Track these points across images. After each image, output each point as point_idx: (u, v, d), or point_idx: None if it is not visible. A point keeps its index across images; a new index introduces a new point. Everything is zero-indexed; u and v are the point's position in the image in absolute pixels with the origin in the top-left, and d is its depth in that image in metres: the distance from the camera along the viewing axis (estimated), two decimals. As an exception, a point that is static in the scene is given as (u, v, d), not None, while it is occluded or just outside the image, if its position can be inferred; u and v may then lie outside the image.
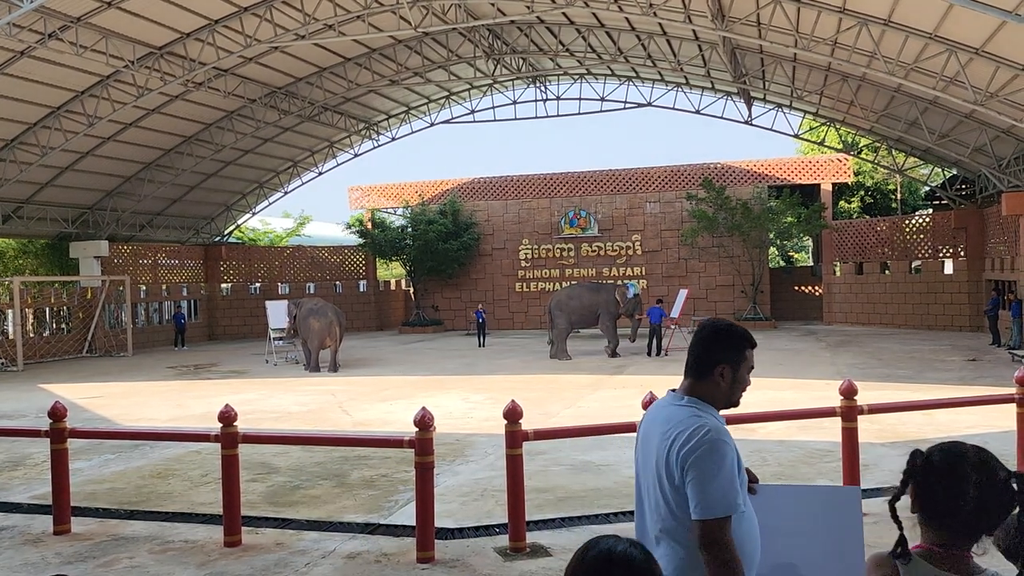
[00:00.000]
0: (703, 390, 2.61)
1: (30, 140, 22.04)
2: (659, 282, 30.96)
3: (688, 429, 2.46)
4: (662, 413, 2.62)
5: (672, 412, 2.58)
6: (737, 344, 2.65)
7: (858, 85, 21.14)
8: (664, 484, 2.49)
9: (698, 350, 2.65)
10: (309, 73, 24.99)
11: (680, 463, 2.44)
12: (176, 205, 30.71)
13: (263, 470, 9.13)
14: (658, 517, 2.53)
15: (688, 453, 2.42)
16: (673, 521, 2.48)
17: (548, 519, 6.90)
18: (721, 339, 2.64)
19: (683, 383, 2.67)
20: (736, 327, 2.70)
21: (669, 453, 2.47)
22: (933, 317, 26.44)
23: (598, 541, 1.81)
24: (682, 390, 2.65)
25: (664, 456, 2.49)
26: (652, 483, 2.56)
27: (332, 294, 33.69)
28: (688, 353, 2.69)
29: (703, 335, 2.67)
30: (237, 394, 15.54)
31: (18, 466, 9.89)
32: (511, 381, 16.82)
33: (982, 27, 14.15)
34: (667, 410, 2.61)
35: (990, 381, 14.46)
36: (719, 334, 2.65)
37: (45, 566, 6.07)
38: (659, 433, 2.55)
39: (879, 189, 36.11)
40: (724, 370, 2.61)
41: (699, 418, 2.51)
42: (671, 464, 2.46)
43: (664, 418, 2.58)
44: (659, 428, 2.57)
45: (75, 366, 23.59)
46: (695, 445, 2.43)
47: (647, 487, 2.61)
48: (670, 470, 2.46)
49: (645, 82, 28.69)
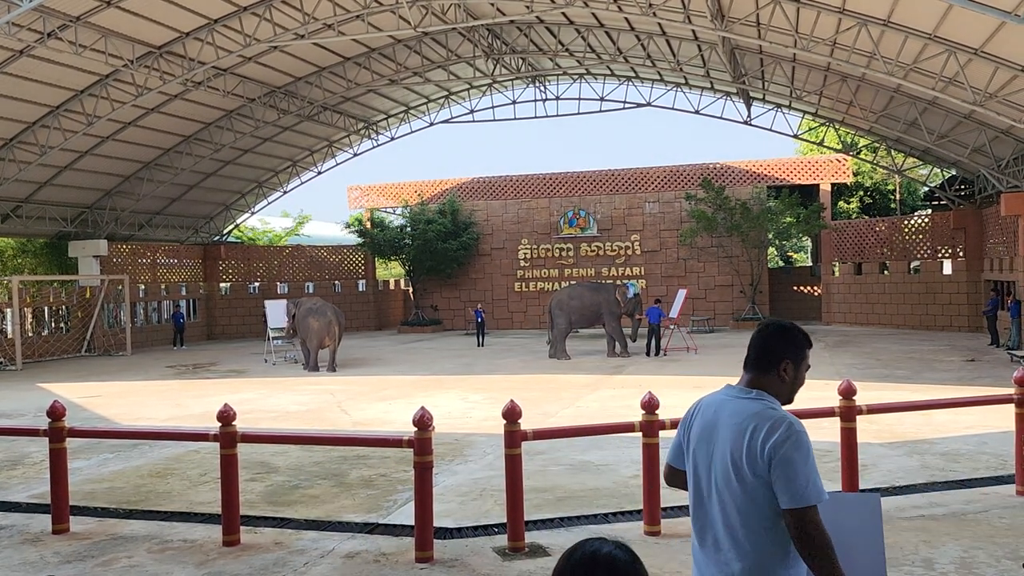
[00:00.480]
0: (767, 385, 2.70)
1: (29, 139, 22.03)
2: (658, 282, 30.97)
3: (770, 421, 2.55)
4: (729, 406, 2.67)
5: (743, 405, 2.64)
6: (800, 342, 2.75)
7: (857, 85, 21.15)
8: (743, 476, 2.55)
9: (762, 346, 2.74)
10: (308, 72, 24.98)
11: (767, 454, 2.51)
12: (175, 204, 30.70)
13: (262, 469, 9.13)
14: (733, 509, 2.58)
15: (777, 444, 2.50)
16: (751, 512, 2.55)
17: (547, 519, 6.91)
18: (786, 337, 2.74)
19: (744, 378, 2.75)
20: (798, 327, 2.80)
21: (750, 445, 2.53)
22: (932, 317, 26.45)
23: (584, 543, 1.83)
24: (745, 384, 2.73)
25: (743, 448, 2.55)
26: (722, 476, 2.60)
27: (331, 294, 33.67)
28: (749, 349, 2.77)
29: (768, 332, 2.76)
30: (236, 393, 15.53)
31: (17, 465, 9.89)
32: (510, 381, 16.82)
33: (981, 28, 14.15)
34: (735, 403, 2.67)
35: (989, 381, 14.47)
36: (784, 332, 2.75)
37: (44, 565, 6.07)
38: (731, 426, 2.61)
39: (878, 189, 36.13)
40: (787, 366, 2.70)
41: (776, 410, 2.61)
42: (754, 456, 2.52)
43: (734, 411, 2.64)
44: (730, 421, 2.62)
45: (74, 365, 23.57)
46: (782, 436, 2.51)
47: (713, 481, 2.65)
48: (753, 462, 2.53)
49: (644, 82, 28.69)
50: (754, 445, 2.53)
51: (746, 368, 2.76)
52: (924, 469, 8.34)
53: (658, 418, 6.46)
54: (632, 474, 8.15)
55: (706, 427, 2.70)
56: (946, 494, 7.31)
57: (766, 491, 2.52)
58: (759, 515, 2.54)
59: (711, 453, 2.66)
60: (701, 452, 2.70)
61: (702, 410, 2.76)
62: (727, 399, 2.71)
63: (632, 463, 8.38)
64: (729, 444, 2.59)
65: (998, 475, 7.91)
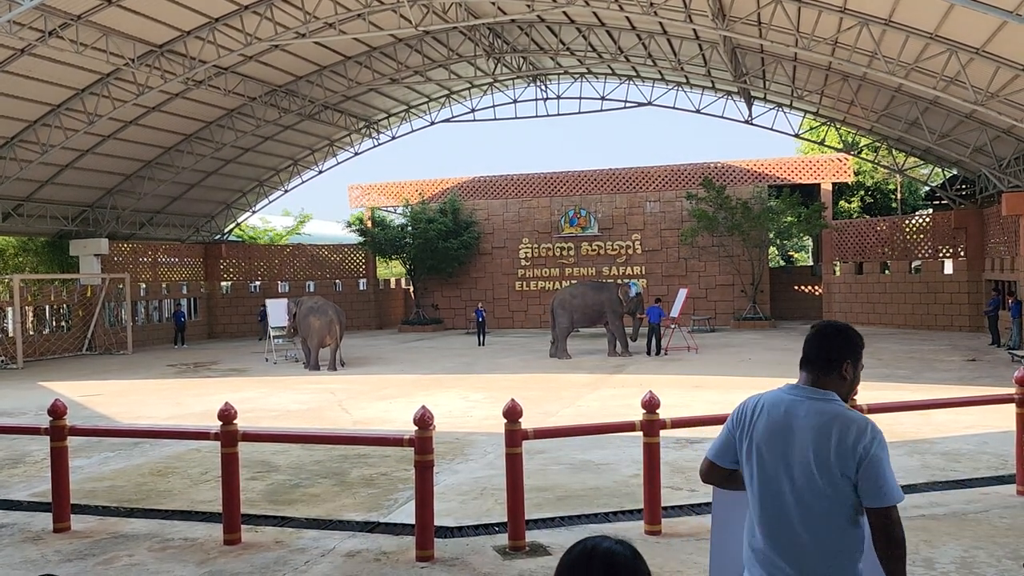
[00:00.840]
0: (831, 384, 2.74)
1: (30, 138, 22.04)
2: (659, 281, 30.96)
3: (856, 422, 2.62)
4: (802, 407, 2.70)
5: (818, 406, 2.68)
6: (858, 343, 2.81)
7: (858, 85, 21.14)
8: (831, 475, 2.59)
9: (823, 347, 2.79)
10: (309, 71, 24.98)
11: (858, 455, 2.57)
12: (176, 203, 30.71)
13: (263, 468, 9.14)
14: (817, 508, 2.61)
15: (867, 445, 2.57)
16: (834, 511, 2.60)
17: (547, 518, 6.91)
18: (846, 337, 2.80)
19: (806, 378, 2.79)
20: (853, 328, 2.87)
21: (840, 445, 2.58)
22: (933, 317, 26.44)
23: (584, 539, 1.83)
24: (808, 384, 2.77)
25: (831, 449, 2.59)
26: (803, 475, 2.63)
27: (332, 292, 33.68)
28: (809, 350, 2.81)
29: (828, 333, 2.81)
30: (237, 392, 15.54)
31: (18, 464, 9.90)
32: (510, 380, 16.82)
33: (983, 27, 14.15)
34: (808, 404, 2.70)
35: (989, 381, 14.46)
36: (843, 332, 2.81)
37: (45, 564, 6.07)
38: (812, 427, 2.64)
39: (879, 189, 36.11)
40: (848, 366, 2.76)
41: (852, 411, 2.68)
42: (844, 456, 2.58)
43: (811, 411, 2.67)
44: (810, 421, 2.65)
45: (75, 364, 23.59)
46: (870, 437, 2.59)
47: (791, 479, 2.66)
48: (843, 462, 2.58)
49: (645, 81, 28.68)
50: (844, 446, 2.58)
51: (805, 368, 2.80)
52: (925, 469, 8.34)
53: (659, 417, 6.46)
54: (633, 473, 8.16)
55: (777, 426, 2.72)
56: (947, 494, 7.32)
57: (850, 491, 2.59)
58: (843, 514, 2.60)
59: (787, 452, 2.67)
60: (773, 450, 2.71)
61: (766, 409, 2.77)
62: (797, 399, 2.73)
63: (633, 462, 8.39)
64: (813, 444, 2.63)
65: (999, 475, 7.91)
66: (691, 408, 11.90)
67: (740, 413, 2.86)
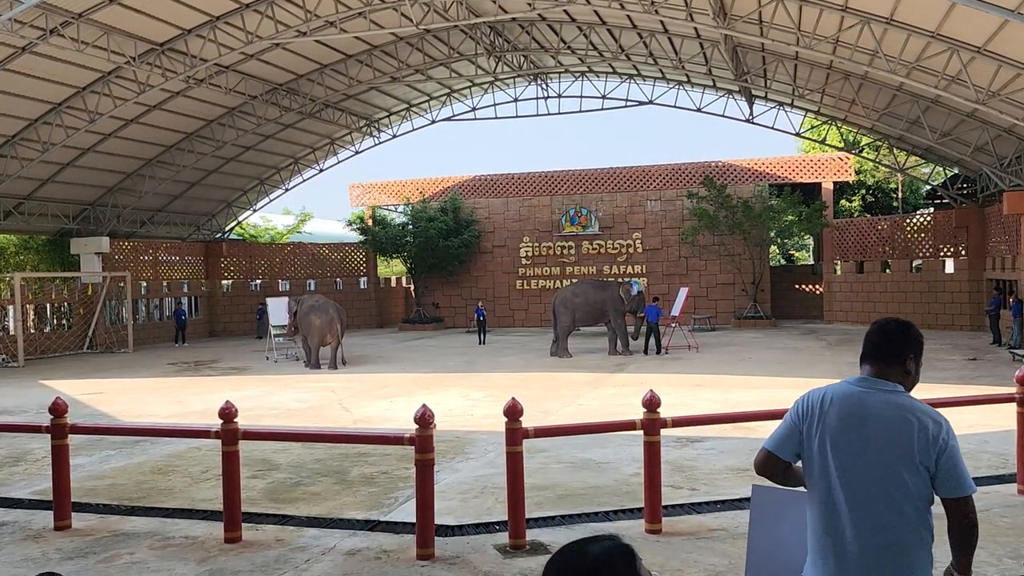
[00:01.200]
0: (894, 378, 2.81)
1: (31, 136, 22.05)
2: (660, 280, 30.95)
3: (931, 413, 2.70)
4: (874, 398, 2.75)
5: (892, 398, 2.75)
6: (920, 338, 2.90)
7: (860, 84, 21.12)
8: (914, 467, 2.65)
9: (887, 341, 2.86)
10: (310, 70, 24.97)
11: (939, 447, 2.64)
12: (177, 201, 30.72)
13: (263, 467, 9.14)
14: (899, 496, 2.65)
15: (946, 436, 2.65)
16: (912, 500, 2.66)
17: (548, 517, 6.91)
18: (909, 332, 2.88)
19: (871, 370, 2.84)
20: (914, 325, 2.95)
21: (922, 437, 2.65)
22: (934, 316, 26.43)
23: (581, 539, 1.80)
24: (876, 377, 2.82)
25: (913, 441, 2.65)
26: (881, 466, 2.68)
27: (333, 291, 33.70)
28: (872, 344, 2.88)
29: (891, 328, 2.89)
30: (237, 391, 15.55)
31: (19, 462, 9.90)
32: (511, 379, 16.82)
33: (984, 26, 14.13)
34: (880, 396, 2.76)
35: (990, 380, 14.46)
36: (906, 328, 2.89)
37: (46, 562, 6.08)
38: (890, 418, 2.70)
39: (880, 188, 36.07)
40: (911, 360, 2.84)
41: (925, 404, 2.75)
42: (926, 448, 2.64)
43: (886, 403, 2.73)
44: (887, 413, 2.71)
45: (76, 362, 23.60)
46: (946, 428, 2.67)
47: (868, 470, 2.69)
48: (925, 454, 2.64)
49: (646, 80, 28.66)
50: (925, 437, 2.64)
51: (869, 362, 2.86)
52: (925, 468, 8.32)
53: (659, 416, 6.46)
54: (633, 472, 8.16)
55: (853, 417, 2.75)
56: (947, 493, 7.29)
57: (927, 481, 2.66)
58: (922, 502, 2.67)
59: (864, 443, 2.71)
60: (848, 442, 2.74)
61: (837, 401, 2.80)
62: (868, 391, 2.78)
63: (633, 461, 8.39)
64: (892, 435, 2.68)
65: (999, 474, 7.91)
66: (692, 407, 11.91)
67: (806, 405, 2.87)
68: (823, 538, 2.76)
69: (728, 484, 7.89)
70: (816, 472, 2.80)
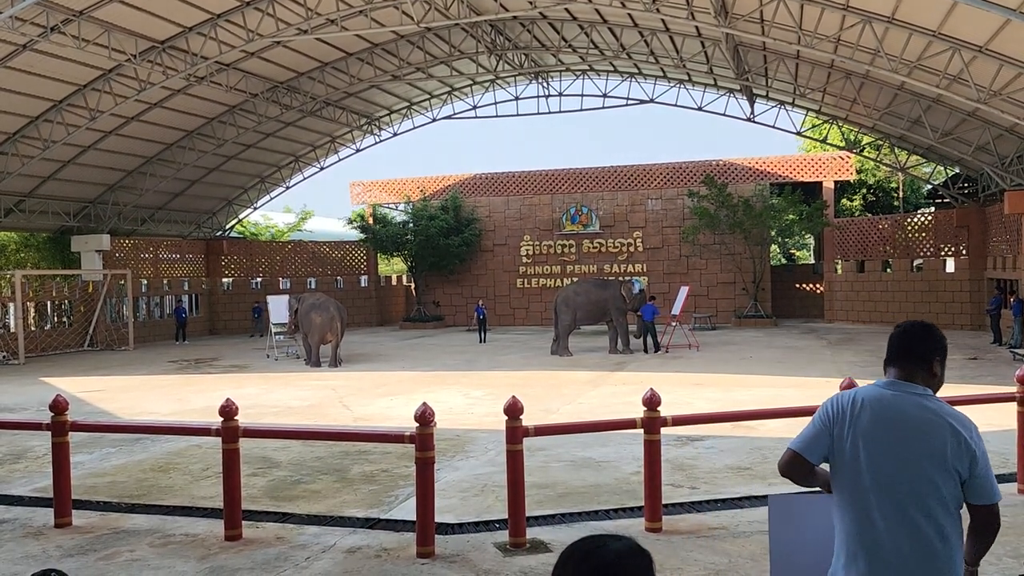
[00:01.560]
0: (921, 381, 2.81)
1: (32, 134, 22.05)
2: (660, 279, 30.95)
3: (962, 419, 2.71)
4: (908, 401, 2.75)
5: (923, 402, 2.75)
6: (943, 340, 2.89)
7: (861, 83, 21.10)
8: (949, 470, 2.65)
9: (914, 344, 2.85)
10: (311, 68, 24.96)
11: (971, 452, 2.66)
12: (178, 199, 30.72)
13: (264, 464, 9.15)
14: (932, 500, 2.66)
15: (978, 443, 2.68)
16: (945, 503, 2.67)
17: (548, 515, 6.92)
18: (935, 335, 2.88)
19: (898, 374, 2.83)
20: (936, 326, 2.95)
21: (957, 442, 2.66)
22: (934, 315, 26.39)
23: (595, 535, 1.81)
24: (904, 380, 2.81)
25: (947, 445, 2.66)
26: (918, 469, 2.67)
27: (333, 289, 33.72)
28: (898, 348, 2.86)
29: (916, 331, 2.88)
30: (238, 388, 15.57)
31: (19, 459, 9.91)
32: (511, 377, 16.83)
33: (986, 25, 14.12)
34: (913, 399, 2.75)
35: (991, 380, 14.45)
36: (931, 331, 2.89)
37: (46, 559, 6.08)
38: (926, 421, 2.69)
39: (881, 187, 36.06)
40: (937, 364, 2.85)
41: (953, 408, 2.75)
42: (959, 453, 2.66)
43: (920, 406, 2.73)
44: (922, 416, 2.70)
45: (76, 360, 23.62)
46: (978, 435, 2.70)
47: (904, 472, 2.69)
48: (959, 458, 2.66)
49: (647, 79, 28.64)
50: (958, 442, 2.65)
51: (895, 366, 2.85)
52: (925, 467, 8.32)
53: (660, 415, 6.46)
54: (633, 471, 8.16)
55: (884, 421, 2.74)
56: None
57: (958, 486, 2.68)
58: (954, 504, 2.69)
59: (898, 446, 2.70)
60: (881, 445, 2.73)
61: (868, 404, 2.78)
62: (899, 395, 2.77)
63: (634, 460, 8.39)
64: (927, 439, 2.68)
65: (999, 473, 7.89)
66: (692, 406, 11.91)
67: (835, 407, 2.85)
68: (854, 540, 2.74)
69: (728, 483, 7.90)
70: (848, 474, 2.77)
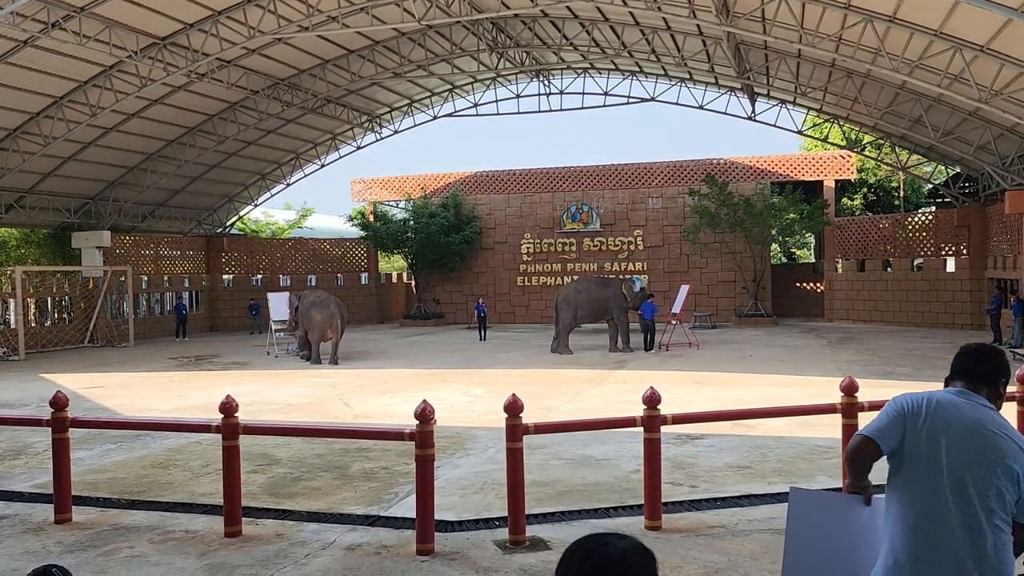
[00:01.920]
0: (989, 398, 2.95)
1: (33, 130, 22.04)
2: (661, 277, 30.95)
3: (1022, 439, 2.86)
4: (985, 413, 2.87)
5: (996, 416, 2.88)
6: (1008, 363, 3.07)
7: (862, 82, 21.09)
8: (1011, 486, 2.77)
9: (988, 365, 3.01)
10: (312, 65, 24.95)
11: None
12: (178, 196, 30.72)
13: (264, 461, 9.15)
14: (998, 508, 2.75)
15: None
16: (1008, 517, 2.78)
17: (548, 513, 6.92)
18: (1003, 358, 3.07)
19: (966, 387, 2.96)
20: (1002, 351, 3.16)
21: (1020, 460, 2.78)
22: (935, 315, 26.43)
23: (601, 534, 1.81)
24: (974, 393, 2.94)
25: (1014, 461, 2.77)
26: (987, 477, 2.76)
27: (333, 286, 33.74)
28: (969, 364, 3.02)
29: (989, 353, 3.05)
30: (238, 385, 15.57)
31: (20, 455, 9.92)
32: (512, 375, 16.83)
33: (987, 25, 14.11)
34: (988, 412, 2.88)
35: (991, 379, 14.43)
36: (1000, 354, 3.07)
37: (46, 555, 6.09)
38: (1001, 435, 2.81)
39: (882, 186, 36.05)
40: (1003, 385, 3.01)
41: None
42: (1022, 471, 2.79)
43: (993, 420, 2.86)
44: (998, 429, 2.83)
45: (77, 356, 23.63)
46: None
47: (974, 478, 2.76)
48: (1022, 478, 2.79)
49: (648, 77, 28.63)
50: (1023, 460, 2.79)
51: (964, 379, 2.98)
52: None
53: (659, 413, 6.46)
54: (633, 469, 8.16)
55: (960, 425, 2.83)
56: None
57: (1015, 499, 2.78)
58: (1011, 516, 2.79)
59: (972, 451, 2.79)
60: (957, 447, 2.80)
61: (945, 406, 2.88)
62: (973, 404, 2.89)
63: (633, 458, 8.39)
64: (997, 450, 2.78)
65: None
66: (692, 404, 11.92)
67: (911, 403, 2.92)
68: (919, 537, 2.77)
69: (728, 481, 7.90)
70: (921, 470, 2.81)
